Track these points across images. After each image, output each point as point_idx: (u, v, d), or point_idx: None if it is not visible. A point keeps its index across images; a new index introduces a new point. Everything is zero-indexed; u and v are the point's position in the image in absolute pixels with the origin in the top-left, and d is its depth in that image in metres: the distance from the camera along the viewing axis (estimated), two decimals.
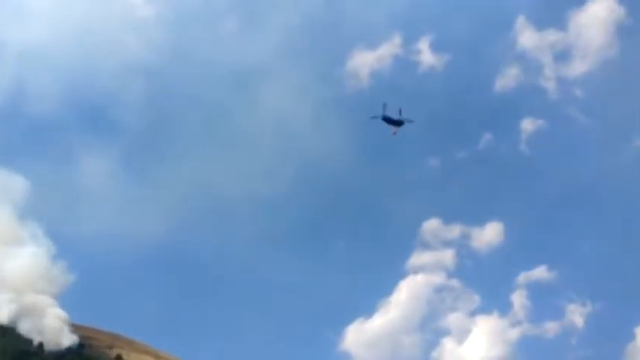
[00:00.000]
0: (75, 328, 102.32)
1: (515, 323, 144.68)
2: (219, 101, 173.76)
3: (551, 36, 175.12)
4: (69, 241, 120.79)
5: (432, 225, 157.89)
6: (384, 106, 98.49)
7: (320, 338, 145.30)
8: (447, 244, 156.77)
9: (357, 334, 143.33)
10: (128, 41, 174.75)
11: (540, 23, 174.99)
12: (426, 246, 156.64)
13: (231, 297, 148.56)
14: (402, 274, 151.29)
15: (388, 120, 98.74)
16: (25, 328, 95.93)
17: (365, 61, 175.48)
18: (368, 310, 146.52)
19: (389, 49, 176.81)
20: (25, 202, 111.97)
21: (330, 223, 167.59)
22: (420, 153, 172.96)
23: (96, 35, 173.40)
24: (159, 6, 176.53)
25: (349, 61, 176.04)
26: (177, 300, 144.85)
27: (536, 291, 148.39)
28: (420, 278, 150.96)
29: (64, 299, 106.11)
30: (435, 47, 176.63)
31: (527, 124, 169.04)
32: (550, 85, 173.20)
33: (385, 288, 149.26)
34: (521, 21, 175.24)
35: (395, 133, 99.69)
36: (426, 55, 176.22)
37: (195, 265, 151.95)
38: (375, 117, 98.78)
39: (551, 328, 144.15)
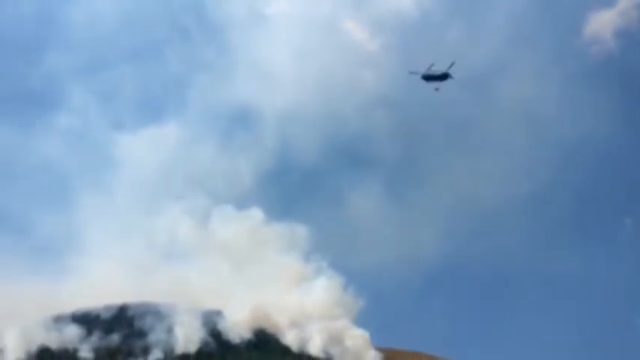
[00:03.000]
0: (375, 349, 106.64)
1: None
2: (460, 111, 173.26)
3: None
4: (353, 271, 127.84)
5: None
6: (431, 65, 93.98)
7: (631, 326, 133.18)
8: None
9: None
10: (364, 77, 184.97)
11: None
12: None
13: (523, 300, 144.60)
14: None
15: (429, 77, 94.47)
16: (336, 354, 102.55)
17: (606, 22, 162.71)
18: None
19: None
20: (308, 245, 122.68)
21: (608, 203, 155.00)
22: None
23: (335, 78, 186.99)
24: (383, 37, 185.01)
25: (587, 28, 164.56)
26: (466, 310, 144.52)
27: None
28: None
29: (358, 323, 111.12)
30: None
31: None
32: None
33: None
34: None
35: (438, 89, 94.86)
36: None
37: (477, 274, 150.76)
38: (413, 73, 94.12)
39: None
